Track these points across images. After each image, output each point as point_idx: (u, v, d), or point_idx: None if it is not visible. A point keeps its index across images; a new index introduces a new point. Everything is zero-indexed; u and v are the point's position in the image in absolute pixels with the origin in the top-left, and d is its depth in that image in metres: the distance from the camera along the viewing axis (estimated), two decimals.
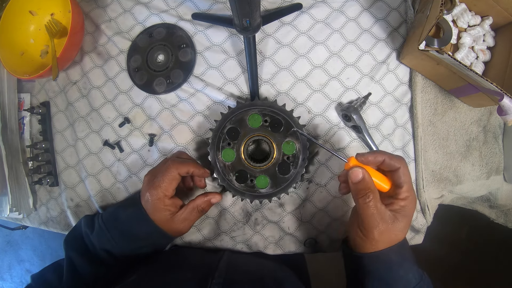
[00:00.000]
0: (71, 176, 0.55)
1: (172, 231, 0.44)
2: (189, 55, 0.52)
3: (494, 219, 0.61)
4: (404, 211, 0.35)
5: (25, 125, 0.57)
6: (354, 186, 0.35)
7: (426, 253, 1.23)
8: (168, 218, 0.42)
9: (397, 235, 0.36)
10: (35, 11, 0.55)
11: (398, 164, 0.36)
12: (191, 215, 0.44)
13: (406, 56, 0.49)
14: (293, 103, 0.51)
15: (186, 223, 0.44)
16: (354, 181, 0.35)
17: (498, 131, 0.54)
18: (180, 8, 0.54)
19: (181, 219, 0.43)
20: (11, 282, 1.67)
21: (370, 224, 0.35)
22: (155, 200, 0.41)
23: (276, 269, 0.46)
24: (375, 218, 0.35)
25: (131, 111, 0.53)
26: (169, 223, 0.43)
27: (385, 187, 0.37)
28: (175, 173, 0.41)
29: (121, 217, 0.43)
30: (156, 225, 0.42)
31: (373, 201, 0.34)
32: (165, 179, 0.41)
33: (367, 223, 0.35)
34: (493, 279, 1.36)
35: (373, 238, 0.35)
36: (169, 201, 0.42)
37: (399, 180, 0.36)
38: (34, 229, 1.14)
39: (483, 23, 0.50)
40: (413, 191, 0.36)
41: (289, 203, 0.50)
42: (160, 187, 0.41)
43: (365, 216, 0.35)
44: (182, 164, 0.42)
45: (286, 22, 0.52)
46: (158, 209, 0.42)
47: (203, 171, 0.45)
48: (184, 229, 0.44)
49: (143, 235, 0.43)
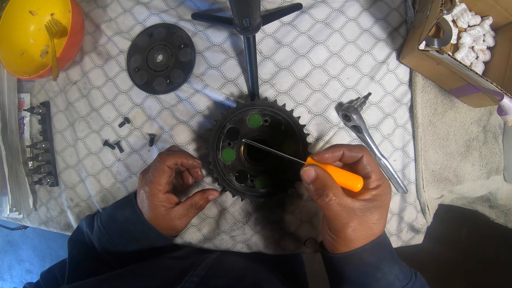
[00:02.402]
0: (71, 176, 0.55)
1: (168, 229, 0.43)
2: (189, 55, 0.52)
3: (494, 219, 0.61)
4: (376, 200, 0.32)
5: (25, 125, 0.57)
6: (310, 187, 0.33)
7: (426, 253, 1.23)
8: (164, 214, 0.41)
9: (372, 229, 0.33)
10: (35, 11, 0.55)
11: (360, 152, 0.33)
12: (189, 212, 0.43)
13: (406, 56, 0.49)
14: (293, 103, 0.51)
15: (183, 219, 0.43)
16: (308, 181, 0.32)
17: (498, 131, 0.54)
18: (180, 8, 0.54)
19: (177, 215, 0.42)
20: (11, 282, 1.67)
21: (339, 223, 0.32)
22: (150, 196, 0.41)
23: (261, 271, 0.46)
24: (342, 215, 0.31)
25: (131, 111, 0.53)
26: (165, 220, 0.42)
27: (357, 186, 0.33)
28: (163, 166, 0.41)
29: (118, 218, 0.43)
30: (151, 226, 0.41)
31: (334, 198, 0.31)
32: (155, 173, 0.41)
33: (335, 223, 0.32)
34: (493, 278, 1.36)
35: (345, 237, 0.32)
36: (163, 196, 0.41)
37: (366, 170, 0.33)
38: (34, 229, 1.14)
39: (483, 23, 0.50)
40: (384, 179, 0.34)
41: (289, 203, 0.50)
42: (152, 182, 0.41)
43: (330, 216, 0.32)
44: (169, 156, 0.41)
45: (286, 22, 0.52)
46: (153, 206, 0.41)
47: (192, 160, 0.43)
48: (181, 227, 0.43)
49: (140, 236, 0.43)
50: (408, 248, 0.52)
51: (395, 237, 0.51)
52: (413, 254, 0.39)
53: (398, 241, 0.51)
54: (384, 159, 0.48)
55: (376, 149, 0.49)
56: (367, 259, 0.33)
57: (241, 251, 0.51)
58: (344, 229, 0.32)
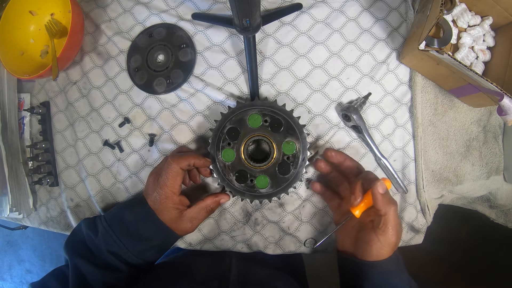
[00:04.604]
0: (71, 176, 0.55)
1: (178, 230, 0.44)
2: (189, 55, 0.52)
3: (494, 219, 0.61)
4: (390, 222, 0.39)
5: (25, 125, 0.57)
6: (382, 198, 0.38)
7: (426, 253, 1.23)
8: (177, 216, 0.43)
9: (396, 245, 0.40)
10: (35, 11, 0.55)
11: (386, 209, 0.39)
12: (199, 214, 0.45)
13: (406, 56, 0.49)
14: (293, 103, 0.51)
15: (194, 222, 0.45)
16: (382, 192, 0.38)
17: (498, 131, 0.54)
18: (180, 8, 0.54)
19: (189, 217, 0.44)
20: (11, 282, 1.67)
21: (393, 232, 0.38)
22: (164, 199, 0.42)
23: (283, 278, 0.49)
24: (399, 226, 0.39)
25: (131, 111, 0.53)
26: (177, 222, 0.43)
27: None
28: (177, 168, 0.42)
29: (127, 218, 0.43)
30: (163, 223, 0.42)
31: (395, 208, 0.38)
32: (169, 176, 0.42)
33: (393, 230, 0.38)
34: (493, 279, 1.36)
35: (392, 243, 0.39)
36: (177, 199, 0.43)
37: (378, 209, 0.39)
38: (34, 229, 1.14)
39: (483, 23, 0.50)
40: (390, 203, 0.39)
41: (289, 203, 0.50)
42: (166, 185, 0.42)
43: (393, 225, 0.38)
44: (182, 158, 0.42)
45: (286, 22, 0.52)
46: (167, 208, 0.42)
47: (204, 160, 0.44)
48: (191, 229, 0.45)
49: (150, 235, 0.43)
50: (408, 248, 0.52)
51: None
52: (413, 254, 0.39)
53: None
54: (384, 159, 0.49)
55: (376, 149, 0.49)
56: (392, 268, 0.40)
57: (241, 251, 0.51)
58: (393, 236, 0.38)
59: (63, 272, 0.44)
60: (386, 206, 0.38)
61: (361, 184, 0.40)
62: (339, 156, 0.44)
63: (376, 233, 0.39)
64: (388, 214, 0.38)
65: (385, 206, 0.38)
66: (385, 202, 0.38)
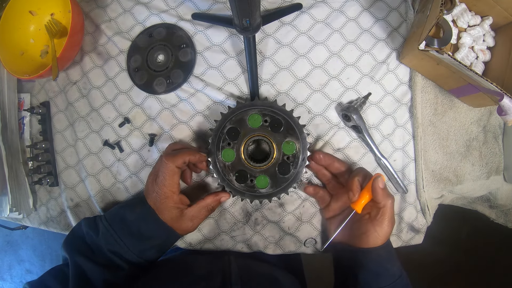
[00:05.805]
0: (71, 176, 0.55)
1: (179, 230, 0.44)
2: (189, 55, 0.52)
3: (494, 219, 0.61)
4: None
5: (25, 125, 0.57)
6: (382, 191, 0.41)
7: (426, 253, 1.23)
8: (178, 215, 0.43)
9: (390, 234, 0.43)
10: (35, 11, 0.55)
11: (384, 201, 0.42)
12: (200, 213, 0.45)
13: (406, 56, 0.49)
14: (293, 103, 0.51)
15: (195, 221, 0.45)
16: (382, 186, 0.41)
17: (498, 131, 0.54)
18: (180, 8, 0.54)
19: (190, 216, 0.44)
20: (11, 282, 1.67)
21: (389, 223, 0.41)
22: (164, 199, 0.42)
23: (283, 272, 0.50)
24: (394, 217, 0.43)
25: (131, 111, 0.53)
26: (178, 221, 0.43)
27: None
28: (173, 167, 0.42)
29: (128, 217, 0.43)
30: (164, 222, 0.43)
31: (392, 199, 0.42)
32: (166, 176, 0.42)
33: (389, 220, 0.41)
34: (493, 279, 1.36)
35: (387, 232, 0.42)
36: (177, 198, 0.43)
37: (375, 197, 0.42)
38: (34, 229, 1.14)
39: (483, 23, 0.50)
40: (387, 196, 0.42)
41: (289, 203, 0.50)
42: (165, 185, 0.42)
43: (389, 214, 0.41)
44: (176, 157, 0.42)
45: (286, 22, 0.52)
46: (168, 208, 0.42)
47: (199, 155, 0.44)
48: (192, 228, 0.45)
49: (151, 234, 0.43)
50: (408, 248, 0.52)
51: (395, 237, 0.51)
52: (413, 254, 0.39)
53: (398, 241, 0.51)
54: (384, 159, 0.49)
55: (376, 149, 0.49)
56: (384, 253, 0.42)
57: (241, 251, 0.51)
58: (389, 228, 0.41)
59: (62, 271, 0.43)
60: (385, 199, 0.41)
61: (357, 181, 0.42)
62: (327, 159, 0.46)
63: (373, 224, 0.42)
64: (386, 206, 0.41)
65: (384, 199, 0.41)
66: (385, 195, 0.41)
